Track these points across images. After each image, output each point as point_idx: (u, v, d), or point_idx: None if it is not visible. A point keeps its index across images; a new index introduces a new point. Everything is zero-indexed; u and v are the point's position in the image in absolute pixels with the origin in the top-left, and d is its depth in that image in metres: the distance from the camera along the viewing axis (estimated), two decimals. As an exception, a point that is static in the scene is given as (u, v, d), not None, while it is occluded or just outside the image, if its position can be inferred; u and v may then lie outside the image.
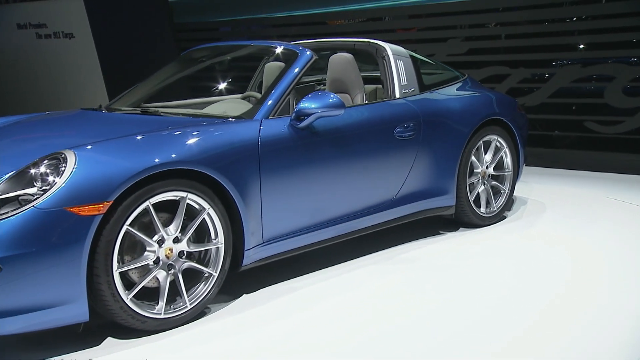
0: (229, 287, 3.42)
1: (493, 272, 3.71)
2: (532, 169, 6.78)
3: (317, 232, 3.57)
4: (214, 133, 3.15)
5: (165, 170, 2.89)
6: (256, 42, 4.36)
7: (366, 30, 8.38)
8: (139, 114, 3.73)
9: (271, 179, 3.27)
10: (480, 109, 4.42)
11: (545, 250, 4.08)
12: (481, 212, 4.49)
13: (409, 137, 3.95)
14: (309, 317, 3.14)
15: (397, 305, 3.25)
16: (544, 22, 7.27)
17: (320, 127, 3.49)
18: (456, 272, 3.71)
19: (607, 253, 4.03)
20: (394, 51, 4.25)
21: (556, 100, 7.26)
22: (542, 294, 3.37)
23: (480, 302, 3.29)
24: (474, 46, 7.68)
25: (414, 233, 4.39)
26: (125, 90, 4.35)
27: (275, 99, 3.49)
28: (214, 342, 2.90)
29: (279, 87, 3.54)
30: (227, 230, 3.13)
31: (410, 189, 4.05)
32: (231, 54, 4.52)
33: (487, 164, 4.51)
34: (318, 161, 3.49)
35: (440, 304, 3.27)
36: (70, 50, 9.50)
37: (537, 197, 5.46)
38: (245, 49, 4.44)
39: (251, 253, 3.27)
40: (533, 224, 4.66)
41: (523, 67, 7.38)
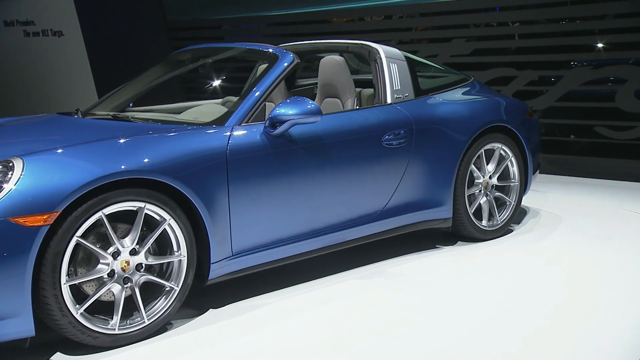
0: (196, 301, 3.41)
1: (483, 290, 3.62)
2: (548, 176, 6.64)
3: (294, 244, 3.52)
4: (176, 141, 3.11)
5: (121, 180, 2.86)
6: (240, 45, 4.32)
7: (370, 30, 8.39)
8: (109, 120, 3.71)
9: (241, 189, 3.23)
10: (480, 115, 4.31)
11: (546, 269, 3.94)
12: (482, 225, 4.38)
13: (398, 145, 3.88)
14: (275, 332, 3.11)
15: (374, 322, 3.20)
16: (553, 21, 7.20)
17: (297, 135, 3.45)
18: (444, 289, 3.64)
19: (617, 274, 3.82)
20: (387, 54, 4.19)
21: (565, 104, 7.16)
22: (531, 318, 3.24)
23: (464, 321, 3.21)
24: (479, 47, 7.62)
25: (407, 247, 4.31)
26: (108, 93, 4.36)
27: (249, 105, 3.44)
28: (170, 357, 2.86)
29: (254, 92, 3.50)
30: (191, 242, 3.09)
31: (401, 200, 3.97)
32: (214, 57, 4.51)
33: (490, 174, 4.40)
34: (295, 171, 3.44)
35: (421, 322, 3.20)
36: (59, 48, 9.52)
37: (550, 207, 5.34)
38: (228, 52, 4.42)
39: (218, 266, 3.23)
40: (540, 239, 4.52)
41: (530, 69, 7.31)
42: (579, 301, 3.43)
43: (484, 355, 2.84)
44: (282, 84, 4.45)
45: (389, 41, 8.14)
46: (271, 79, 3.58)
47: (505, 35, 7.58)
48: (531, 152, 4.62)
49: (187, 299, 3.28)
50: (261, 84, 3.55)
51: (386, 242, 4.28)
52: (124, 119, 3.65)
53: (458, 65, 7.53)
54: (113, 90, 4.39)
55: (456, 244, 4.38)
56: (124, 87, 4.35)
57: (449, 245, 4.36)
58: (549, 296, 3.50)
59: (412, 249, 4.29)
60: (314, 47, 4.57)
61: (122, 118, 3.67)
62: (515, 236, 4.58)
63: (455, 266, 4.01)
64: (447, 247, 4.32)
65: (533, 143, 4.70)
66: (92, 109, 4.09)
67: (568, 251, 4.27)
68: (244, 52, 4.27)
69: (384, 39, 8.08)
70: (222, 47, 4.56)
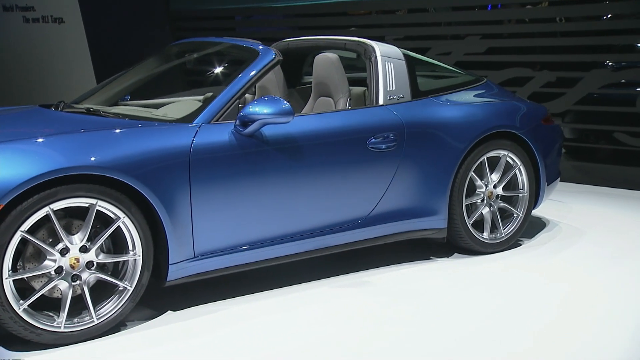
0: (156, 302, 3.48)
1: (465, 307, 3.56)
2: (575, 185, 6.52)
3: (265, 249, 3.53)
4: (135, 138, 3.17)
5: (74, 175, 2.93)
6: (227, 40, 4.33)
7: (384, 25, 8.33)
8: (81, 114, 3.77)
9: (205, 189, 3.26)
10: (483, 119, 4.22)
11: (542, 288, 3.83)
12: (483, 237, 4.29)
13: (387, 150, 3.85)
14: (226, 336, 3.14)
15: (333, 333, 3.20)
16: (572, 20, 7.13)
17: (270, 136, 3.46)
18: (422, 302, 3.62)
19: (618, 300, 3.66)
20: (383, 52, 4.17)
21: (584, 107, 7.10)
22: (508, 340, 3.16)
23: (434, 338, 3.19)
24: (494, 45, 7.56)
25: (398, 256, 4.25)
26: (97, 85, 4.41)
27: (221, 102, 3.47)
28: (116, 355, 2.94)
29: (228, 89, 3.53)
30: (146, 241, 3.14)
31: (389, 206, 3.95)
32: (200, 52, 4.56)
33: (494, 183, 4.34)
34: (266, 172, 3.45)
35: (388, 335, 3.19)
36: (59, 35, 9.60)
37: (570, 220, 5.20)
38: (214, 47, 4.46)
39: (178, 268, 3.27)
40: (549, 254, 4.41)
41: (547, 70, 7.24)
42: (564, 326, 3.32)
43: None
44: (281, 81, 4.47)
45: (398, 38, 8.18)
46: (248, 76, 3.59)
47: (521, 34, 7.50)
48: (545, 160, 4.46)
49: (148, 299, 3.35)
50: (236, 82, 3.57)
51: (376, 250, 4.26)
52: (96, 113, 3.70)
53: (472, 64, 7.54)
54: (103, 82, 4.45)
55: (452, 255, 4.32)
56: (115, 80, 4.41)
57: (445, 257, 4.29)
58: (534, 318, 3.42)
59: (404, 258, 4.24)
60: (314, 44, 4.59)
61: (94, 112, 3.72)
62: (522, 250, 4.47)
63: (443, 279, 3.97)
64: (442, 259, 4.26)
65: (549, 151, 4.56)
66: (77, 102, 4.15)
67: (574, 269, 4.16)
68: (228, 48, 4.31)
69: (395, 35, 8.20)
70: (209, 41, 4.60)
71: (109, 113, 3.69)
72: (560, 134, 4.82)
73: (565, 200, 5.85)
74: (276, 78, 4.44)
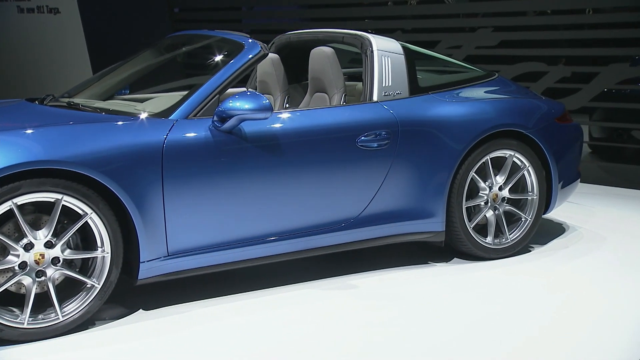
0: (129, 300, 3.53)
1: (454, 311, 3.55)
2: (602, 187, 6.38)
3: (244, 249, 3.54)
4: (105, 132, 3.21)
5: (41, 169, 2.98)
6: (216, 33, 4.31)
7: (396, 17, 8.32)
8: (61, 108, 3.79)
9: (179, 186, 3.29)
10: (486, 117, 4.14)
11: (540, 296, 3.76)
12: (486, 242, 4.23)
13: (378, 148, 3.84)
14: (197, 335, 3.18)
15: (310, 334, 3.22)
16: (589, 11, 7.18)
17: (251, 132, 3.47)
18: (411, 305, 3.62)
19: (616, 315, 3.54)
20: (380, 46, 4.15)
21: (600, 104, 7.07)
22: (492, 349, 3.11)
23: (418, 341, 3.19)
24: (507, 38, 7.51)
25: (391, 259, 4.22)
26: (87, 79, 4.47)
27: (199, 97, 3.48)
28: (79, 352, 3.00)
29: (207, 84, 3.54)
30: (115, 238, 3.17)
31: (380, 207, 3.92)
32: (191, 45, 4.59)
33: (499, 185, 4.28)
34: (246, 170, 3.47)
35: (372, 337, 3.19)
36: (55, 26, 9.65)
37: (592, 225, 5.05)
38: (203, 40, 4.46)
39: (150, 266, 3.30)
40: (559, 261, 4.29)
41: (563, 65, 7.24)
42: (553, 338, 3.26)
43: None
44: (282, 75, 4.49)
45: (407, 30, 8.16)
46: (230, 70, 3.61)
47: (536, 26, 7.48)
48: (558, 162, 4.36)
49: (121, 297, 3.42)
50: (217, 76, 3.58)
51: (370, 253, 4.24)
52: (75, 107, 3.73)
53: (483, 58, 7.54)
54: (96, 75, 4.50)
55: (451, 260, 4.27)
56: (109, 72, 4.44)
57: (443, 262, 4.24)
58: (524, 328, 3.37)
59: (399, 262, 4.20)
60: (314, 37, 4.58)
61: (73, 106, 3.75)
62: (531, 257, 4.37)
63: (436, 283, 3.95)
64: (440, 263, 4.21)
65: (564, 151, 4.45)
66: (68, 95, 4.17)
67: (581, 278, 4.07)
68: (217, 41, 4.29)
69: (406, 27, 8.18)
70: (200, 35, 4.59)
71: (88, 107, 3.72)
72: (580, 133, 4.70)
73: (589, 203, 5.68)
74: (276, 73, 4.46)
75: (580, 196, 5.64)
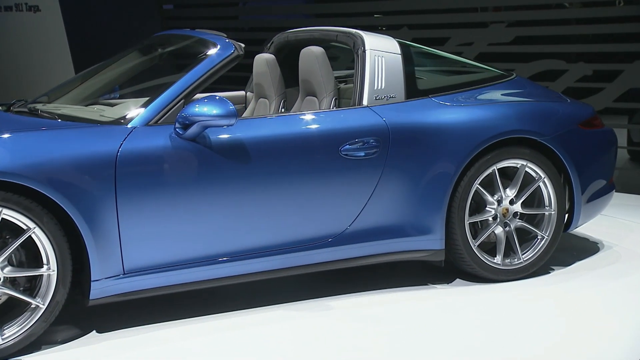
0: (84, 320, 3.50)
1: (445, 338, 3.41)
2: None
3: (210, 267, 3.51)
4: (53, 140, 3.21)
5: None
6: (193, 33, 4.29)
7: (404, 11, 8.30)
8: (21, 114, 3.76)
9: (135, 198, 3.27)
10: (492, 123, 3.99)
11: (544, 325, 3.53)
12: (494, 262, 4.06)
13: (366, 157, 3.75)
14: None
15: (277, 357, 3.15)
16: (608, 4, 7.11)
17: (217, 140, 3.46)
18: (394, 329, 3.49)
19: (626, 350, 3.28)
20: (374, 45, 4.06)
21: (626, 105, 6.96)
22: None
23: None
24: (522, 33, 7.43)
25: (385, 280, 4.10)
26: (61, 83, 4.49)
27: (162, 102, 3.48)
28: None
29: (172, 87, 3.54)
30: (62, 255, 3.12)
31: (369, 223, 3.83)
32: (168, 46, 4.57)
33: (510, 199, 4.09)
34: (212, 181, 3.46)
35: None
36: (35, 25, 9.62)
37: (630, 243, 4.76)
38: (183, 41, 4.43)
39: (103, 285, 3.25)
40: (582, 286, 4.04)
41: (583, 62, 7.09)
42: None
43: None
44: (277, 78, 4.43)
45: (414, 26, 8.09)
46: (198, 73, 3.60)
47: (552, 21, 7.35)
48: (582, 172, 4.18)
49: (76, 318, 3.43)
50: (184, 79, 3.57)
51: (363, 273, 4.14)
52: (34, 113, 3.71)
53: (496, 55, 7.49)
54: (66, 80, 4.54)
55: (453, 282, 4.10)
56: (88, 74, 4.42)
57: (444, 283, 4.10)
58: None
59: (395, 283, 4.08)
60: (309, 36, 4.55)
61: (32, 112, 3.75)
62: (549, 279, 4.13)
63: (430, 307, 3.81)
64: (440, 285, 4.07)
65: (590, 161, 4.26)
66: (40, 100, 4.14)
67: (610, 307, 3.77)
68: (193, 42, 4.25)
69: (411, 22, 8.13)
70: (179, 35, 4.57)
71: (46, 114, 3.69)
72: (612, 140, 4.49)
73: (627, 217, 5.37)
74: (271, 74, 4.42)
75: (618, 208, 5.32)
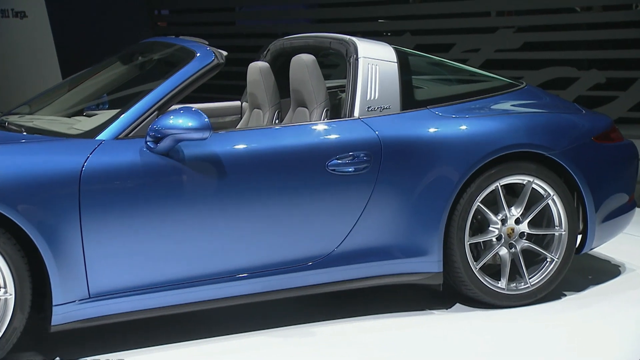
0: (47, 347, 3.39)
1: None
2: None
3: (184, 290, 3.39)
4: (11, 155, 3.15)
5: None
6: (176, 41, 4.18)
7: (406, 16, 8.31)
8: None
9: (101, 217, 3.19)
10: (494, 137, 3.85)
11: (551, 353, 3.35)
12: (498, 287, 3.89)
13: (355, 173, 3.63)
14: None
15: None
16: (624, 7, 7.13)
17: (192, 155, 3.36)
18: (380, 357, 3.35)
19: None
20: (368, 53, 3.95)
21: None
22: None
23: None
24: (531, 39, 7.49)
25: (381, 305, 3.94)
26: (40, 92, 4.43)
27: (133, 114, 3.39)
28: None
29: (145, 98, 3.45)
30: (20, 278, 3.05)
31: (359, 243, 3.71)
32: (148, 55, 4.45)
33: (515, 218, 3.93)
34: (186, 199, 3.35)
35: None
36: (22, 31, 9.63)
37: None
38: (165, 49, 4.31)
39: (66, 310, 3.16)
40: (595, 316, 3.84)
41: (596, 69, 7.10)
42: None
43: None
44: (272, 87, 4.35)
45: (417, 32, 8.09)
46: (174, 82, 3.50)
47: (563, 25, 7.41)
48: (596, 189, 4.03)
49: (40, 346, 3.33)
50: (159, 89, 3.48)
51: (356, 296, 4.00)
52: (1, 125, 3.67)
53: (504, 62, 7.54)
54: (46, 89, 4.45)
55: (453, 307, 3.92)
56: (68, 83, 4.36)
57: (443, 309, 3.93)
58: None
59: (390, 308, 3.92)
60: (304, 43, 4.47)
61: (1, 125, 3.70)
62: (560, 305, 3.93)
63: (424, 335, 3.66)
64: (438, 310, 3.90)
65: (605, 176, 4.11)
66: (13, 111, 4.10)
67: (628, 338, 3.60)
68: (175, 50, 4.15)
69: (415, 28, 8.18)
70: (162, 42, 4.48)
71: (13, 126, 3.62)
72: (632, 154, 4.32)
73: None
74: (265, 83, 4.34)
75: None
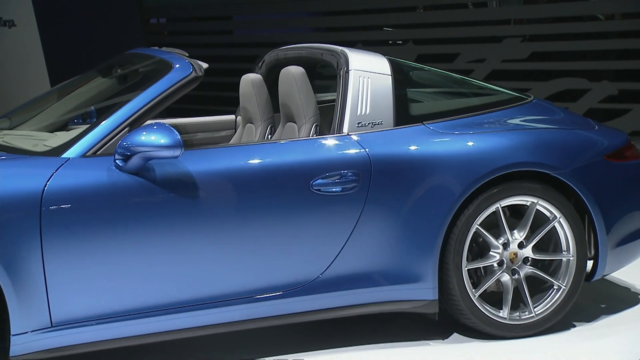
0: None
1: None
2: None
3: (157, 318, 3.31)
4: None
5: None
6: (158, 53, 4.12)
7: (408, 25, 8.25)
8: None
9: (64, 240, 3.11)
10: (493, 155, 3.75)
11: None
12: (500, 316, 3.79)
13: (342, 193, 3.56)
14: None
15: None
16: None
17: (165, 173, 3.29)
18: None
19: None
20: (359, 65, 3.87)
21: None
22: None
23: None
24: (539, 49, 7.40)
25: (373, 334, 3.83)
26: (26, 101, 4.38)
27: (103, 130, 3.31)
28: None
29: (117, 113, 3.38)
30: None
31: (347, 268, 3.64)
32: (129, 67, 4.37)
33: (518, 241, 3.82)
34: (157, 220, 3.27)
35: None
36: (10, 40, 9.70)
37: None
38: (145, 60, 4.25)
39: (25, 339, 3.09)
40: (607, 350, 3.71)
41: (607, 80, 6.98)
42: None
43: None
44: (264, 101, 4.27)
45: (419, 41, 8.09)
46: (148, 96, 3.43)
47: (573, 35, 7.29)
48: (608, 212, 3.93)
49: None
50: (131, 104, 3.41)
51: (345, 325, 3.88)
52: None
53: (511, 73, 7.53)
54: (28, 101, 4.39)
55: (450, 337, 3.79)
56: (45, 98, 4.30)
57: (440, 338, 3.80)
58: None
59: (384, 338, 3.79)
60: (297, 54, 4.40)
61: None
62: (567, 337, 3.78)
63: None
64: (434, 341, 3.77)
65: (618, 198, 4.01)
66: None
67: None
68: (152, 62, 4.07)
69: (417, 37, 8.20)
70: (141, 53, 4.38)
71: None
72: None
73: None
74: (257, 97, 4.29)
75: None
